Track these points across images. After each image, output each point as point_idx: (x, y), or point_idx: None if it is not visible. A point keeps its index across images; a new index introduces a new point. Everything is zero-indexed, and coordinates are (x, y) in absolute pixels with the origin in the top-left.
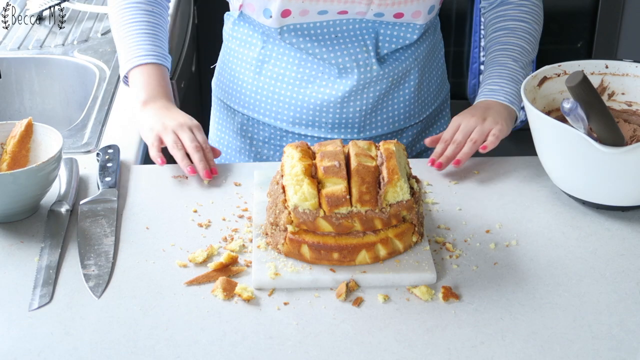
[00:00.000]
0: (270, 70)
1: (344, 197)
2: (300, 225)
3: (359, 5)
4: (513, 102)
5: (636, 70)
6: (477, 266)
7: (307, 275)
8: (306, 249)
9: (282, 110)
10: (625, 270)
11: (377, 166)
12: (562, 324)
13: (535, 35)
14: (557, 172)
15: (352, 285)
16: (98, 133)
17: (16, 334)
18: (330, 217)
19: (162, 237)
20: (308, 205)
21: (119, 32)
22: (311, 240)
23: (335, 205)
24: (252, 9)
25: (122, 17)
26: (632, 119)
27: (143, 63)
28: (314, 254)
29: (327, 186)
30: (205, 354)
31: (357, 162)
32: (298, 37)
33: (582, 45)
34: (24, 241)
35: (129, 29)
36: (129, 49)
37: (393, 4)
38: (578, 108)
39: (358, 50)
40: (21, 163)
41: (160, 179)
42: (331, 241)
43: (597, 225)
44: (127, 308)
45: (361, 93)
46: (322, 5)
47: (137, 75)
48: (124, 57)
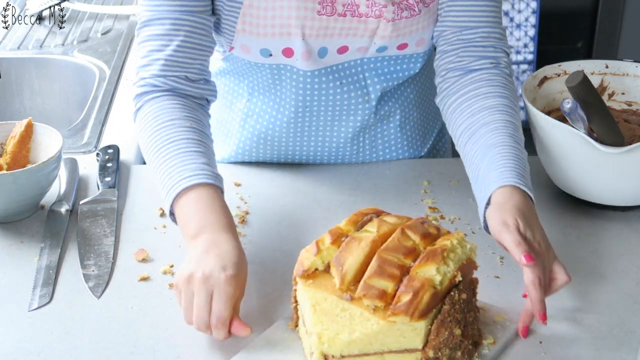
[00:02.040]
0: (254, 125)
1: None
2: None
3: (361, 39)
4: (529, 188)
5: (636, 70)
6: (477, 266)
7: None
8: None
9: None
10: (625, 270)
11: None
12: (562, 324)
13: (516, 109)
14: (557, 172)
15: None
16: (98, 133)
17: (16, 334)
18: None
19: (162, 237)
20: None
21: (155, 158)
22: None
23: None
24: (247, 50)
25: (156, 139)
26: (632, 119)
27: (190, 185)
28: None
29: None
30: (205, 354)
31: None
32: (298, 84)
33: (582, 45)
34: (24, 241)
35: (167, 152)
36: (169, 175)
37: (397, 36)
38: (578, 108)
39: (360, 100)
40: (21, 163)
41: None
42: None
43: (597, 225)
44: (127, 308)
45: (357, 137)
46: (322, 42)
47: (184, 203)
48: (165, 186)
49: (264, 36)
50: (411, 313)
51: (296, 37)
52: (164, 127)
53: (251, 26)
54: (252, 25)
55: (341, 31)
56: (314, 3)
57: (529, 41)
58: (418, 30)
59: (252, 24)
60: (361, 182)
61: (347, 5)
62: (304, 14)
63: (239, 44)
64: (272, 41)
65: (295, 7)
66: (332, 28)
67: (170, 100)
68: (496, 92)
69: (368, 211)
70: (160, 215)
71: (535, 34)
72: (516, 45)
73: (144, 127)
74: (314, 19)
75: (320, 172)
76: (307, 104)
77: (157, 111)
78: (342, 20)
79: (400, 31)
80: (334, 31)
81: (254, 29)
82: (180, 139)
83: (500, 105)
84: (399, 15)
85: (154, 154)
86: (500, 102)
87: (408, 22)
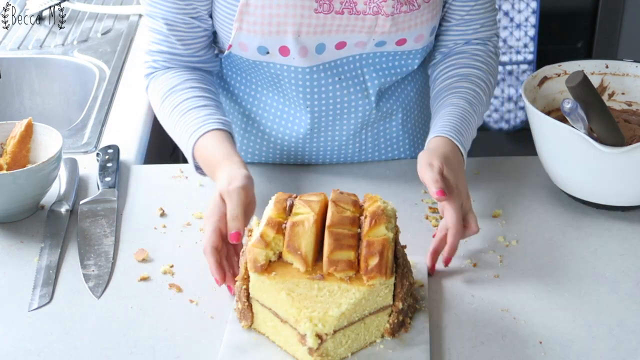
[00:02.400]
0: (257, 126)
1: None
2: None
3: (359, 35)
4: (463, 145)
5: (636, 70)
6: (477, 266)
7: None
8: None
9: (267, 150)
10: (625, 270)
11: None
12: (562, 324)
13: (488, 85)
14: (557, 172)
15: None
16: (98, 133)
17: (16, 334)
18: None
19: (162, 237)
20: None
21: (169, 124)
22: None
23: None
24: (245, 48)
25: (165, 109)
26: (632, 119)
27: (199, 136)
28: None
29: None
30: (205, 354)
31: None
32: (297, 81)
33: (582, 45)
34: (24, 241)
35: (175, 116)
36: (180, 137)
37: (397, 31)
38: (578, 108)
39: (360, 96)
40: (21, 163)
41: (160, 179)
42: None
43: (597, 225)
44: (127, 308)
45: (360, 134)
46: (320, 38)
47: (198, 154)
48: (184, 147)
49: (261, 34)
50: (384, 272)
51: (293, 35)
52: (167, 97)
53: (248, 24)
54: (249, 24)
55: (339, 28)
56: (310, 1)
57: (529, 41)
58: (417, 25)
59: (249, 22)
60: (361, 182)
61: (345, 3)
62: (301, 12)
63: (236, 42)
64: (269, 39)
65: (292, 5)
66: (329, 25)
67: (172, 72)
68: (473, 65)
69: (284, 196)
70: (160, 215)
71: (535, 34)
72: (516, 45)
73: (154, 101)
74: (311, 17)
75: (320, 172)
76: (307, 102)
77: (162, 83)
78: (339, 18)
79: (399, 26)
80: (331, 28)
81: (251, 27)
82: (184, 99)
83: (471, 75)
84: (398, 10)
85: (167, 120)
86: (472, 73)
87: (407, 16)
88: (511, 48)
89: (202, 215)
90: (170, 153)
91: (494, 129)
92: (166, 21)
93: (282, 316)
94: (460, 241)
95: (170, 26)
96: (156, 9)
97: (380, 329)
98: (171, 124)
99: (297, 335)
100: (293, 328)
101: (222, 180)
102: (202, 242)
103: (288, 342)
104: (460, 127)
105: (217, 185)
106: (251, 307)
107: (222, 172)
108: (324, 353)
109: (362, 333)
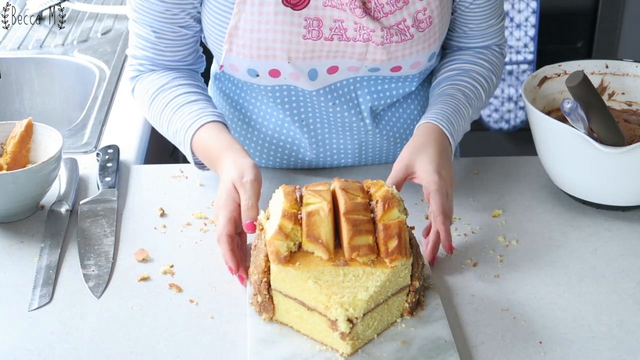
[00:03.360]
0: (256, 133)
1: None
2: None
3: (350, 60)
4: (452, 135)
5: (636, 70)
6: (477, 266)
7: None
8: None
9: (268, 154)
10: (625, 270)
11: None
12: (562, 324)
13: (489, 82)
14: (557, 172)
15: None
16: (98, 133)
17: (16, 334)
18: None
19: (162, 237)
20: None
21: (160, 124)
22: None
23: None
24: (235, 69)
25: (154, 110)
26: (632, 119)
27: (195, 130)
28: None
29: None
30: (205, 354)
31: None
32: (290, 100)
33: (582, 45)
34: (24, 241)
35: (166, 114)
36: (174, 134)
37: (390, 59)
38: (578, 108)
39: (354, 119)
40: (21, 163)
41: (160, 179)
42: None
43: (597, 225)
44: (127, 308)
45: (359, 151)
46: (310, 64)
47: (196, 148)
48: (180, 144)
49: (250, 57)
50: (404, 253)
51: (282, 60)
52: (156, 96)
53: (237, 47)
54: (239, 46)
55: (328, 54)
56: (299, 27)
57: (529, 41)
58: (412, 54)
59: (238, 45)
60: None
61: (335, 29)
62: (289, 37)
63: (227, 63)
64: (258, 62)
65: (281, 30)
66: (318, 51)
67: (158, 73)
68: (475, 61)
69: (291, 188)
70: (161, 216)
71: (535, 34)
72: (516, 45)
73: (142, 102)
74: (299, 42)
75: (321, 174)
76: (302, 120)
77: (149, 84)
78: (328, 44)
79: (392, 54)
80: (321, 54)
81: (240, 50)
82: (175, 96)
83: (472, 70)
84: (389, 40)
85: (158, 119)
86: (473, 69)
87: (399, 46)
88: (511, 48)
89: (202, 215)
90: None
91: (494, 129)
92: (153, 29)
93: (309, 304)
94: (460, 241)
95: (158, 34)
96: (144, 17)
97: (400, 309)
98: (164, 122)
99: (328, 322)
100: (322, 315)
101: (229, 170)
102: (216, 230)
103: (316, 329)
104: (452, 117)
105: (225, 175)
106: (272, 300)
107: (226, 162)
108: (355, 336)
109: (385, 314)
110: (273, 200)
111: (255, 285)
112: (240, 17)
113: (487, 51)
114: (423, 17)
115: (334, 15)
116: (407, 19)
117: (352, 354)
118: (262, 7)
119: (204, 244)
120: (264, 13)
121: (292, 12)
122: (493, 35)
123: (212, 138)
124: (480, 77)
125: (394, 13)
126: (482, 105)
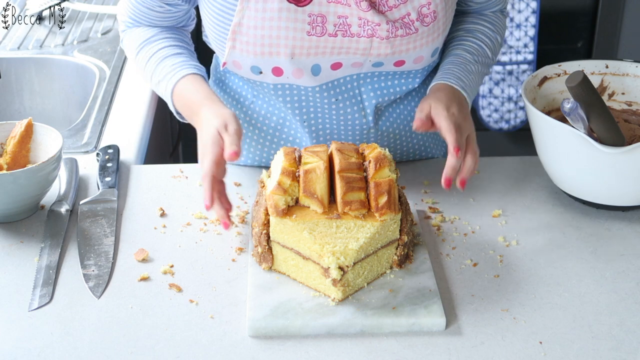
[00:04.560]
0: (257, 131)
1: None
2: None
3: (354, 56)
4: (464, 88)
5: (636, 70)
6: (477, 266)
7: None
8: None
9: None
10: (625, 270)
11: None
12: (562, 324)
13: (493, 41)
14: (557, 172)
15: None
16: (98, 133)
17: (16, 334)
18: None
19: (162, 237)
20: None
21: (146, 74)
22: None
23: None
24: (239, 67)
25: (141, 60)
26: (632, 119)
27: (176, 81)
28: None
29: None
30: (205, 354)
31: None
32: (292, 97)
33: (582, 45)
34: (24, 241)
35: (151, 65)
36: (157, 85)
37: (393, 53)
38: (578, 108)
39: (357, 116)
40: (21, 163)
41: (160, 179)
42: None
43: (597, 225)
44: (127, 308)
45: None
46: (314, 59)
47: (176, 98)
48: (163, 95)
49: (254, 54)
50: (393, 208)
51: (285, 56)
52: (142, 48)
53: (241, 44)
54: (242, 43)
55: (332, 50)
56: (303, 24)
57: (529, 41)
58: (416, 48)
59: (242, 42)
60: None
61: (339, 26)
62: (293, 34)
63: (230, 60)
64: (262, 60)
65: (285, 27)
66: (322, 47)
67: (146, 27)
68: (478, 22)
69: (291, 149)
70: (161, 216)
71: (535, 34)
72: (516, 45)
73: (129, 54)
74: (304, 39)
75: None
76: (304, 119)
77: (137, 35)
78: (332, 40)
79: (395, 49)
80: (325, 50)
81: (243, 47)
82: (159, 49)
83: (476, 30)
84: (394, 34)
85: (143, 71)
86: (477, 29)
87: (404, 40)
88: (511, 48)
89: (202, 215)
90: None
91: (494, 129)
92: (144, 3)
93: (304, 254)
94: (460, 241)
95: (148, 7)
96: (135, 15)
97: (389, 261)
98: (148, 74)
99: (321, 270)
100: (316, 263)
101: (210, 118)
102: (201, 169)
103: (310, 277)
104: (460, 74)
105: (206, 123)
106: (271, 250)
107: (207, 111)
108: (345, 283)
109: (375, 265)
110: (274, 160)
111: (256, 237)
112: (244, 14)
113: (490, 12)
114: (427, 11)
115: (338, 11)
116: (411, 12)
117: (343, 299)
118: (266, 3)
119: (204, 244)
120: (267, 10)
121: (296, 9)
122: (496, 2)
123: (191, 89)
124: (484, 36)
125: (398, 7)
126: (490, 62)
